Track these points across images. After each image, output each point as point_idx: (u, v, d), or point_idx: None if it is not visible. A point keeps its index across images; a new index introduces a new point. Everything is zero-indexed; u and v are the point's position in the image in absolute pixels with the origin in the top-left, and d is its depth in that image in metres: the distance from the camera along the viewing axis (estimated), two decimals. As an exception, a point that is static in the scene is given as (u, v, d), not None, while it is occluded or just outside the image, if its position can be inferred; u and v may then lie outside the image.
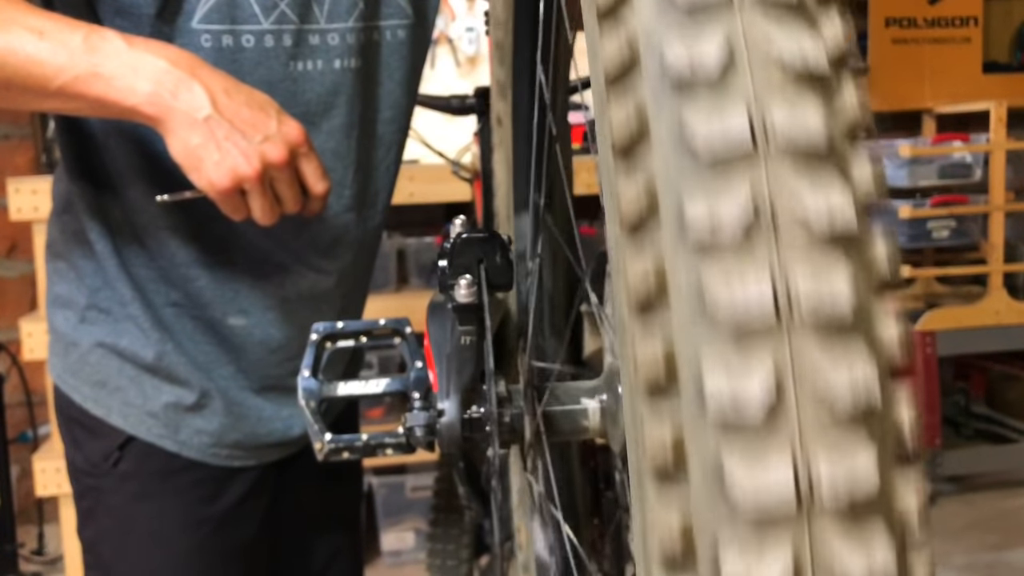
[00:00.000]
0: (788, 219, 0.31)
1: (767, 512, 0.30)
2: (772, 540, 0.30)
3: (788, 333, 0.31)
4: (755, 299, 0.31)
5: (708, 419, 0.30)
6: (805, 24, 0.34)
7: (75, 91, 0.79)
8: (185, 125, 0.79)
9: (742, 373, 0.30)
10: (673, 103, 0.33)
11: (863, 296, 0.32)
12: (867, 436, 0.31)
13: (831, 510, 0.30)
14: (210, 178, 0.81)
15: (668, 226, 0.33)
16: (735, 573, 0.29)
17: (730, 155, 0.32)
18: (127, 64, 0.79)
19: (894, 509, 0.31)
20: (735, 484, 0.30)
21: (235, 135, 0.80)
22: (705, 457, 0.31)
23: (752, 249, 0.31)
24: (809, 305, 0.31)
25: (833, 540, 0.30)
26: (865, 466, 0.30)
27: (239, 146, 0.80)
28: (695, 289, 0.31)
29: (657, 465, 0.33)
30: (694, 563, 0.32)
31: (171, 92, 0.79)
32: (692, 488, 0.32)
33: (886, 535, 0.30)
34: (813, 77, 0.33)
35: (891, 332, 0.33)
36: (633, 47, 0.35)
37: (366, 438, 0.97)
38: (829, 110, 0.33)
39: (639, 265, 0.34)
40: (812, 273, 0.31)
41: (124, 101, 0.79)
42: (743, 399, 0.30)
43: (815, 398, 0.30)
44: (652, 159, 0.34)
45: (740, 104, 0.32)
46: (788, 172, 0.32)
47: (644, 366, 0.33)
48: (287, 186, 0.85)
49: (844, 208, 0.32)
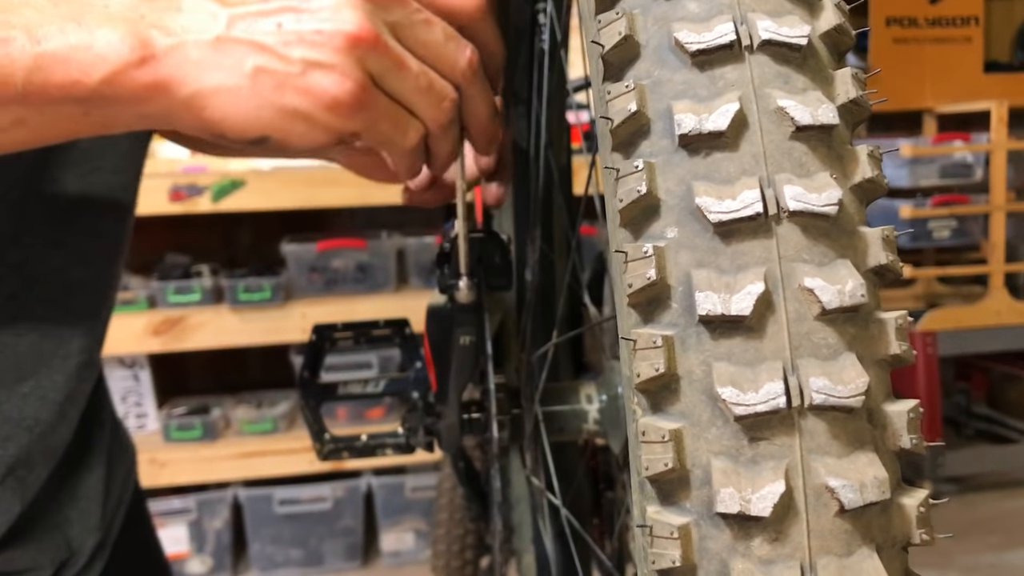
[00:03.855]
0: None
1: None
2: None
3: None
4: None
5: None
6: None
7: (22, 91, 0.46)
8: (208, 63, 0.47)
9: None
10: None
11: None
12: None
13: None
14: (304, 133, 0.48)
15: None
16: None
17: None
18: (61, 17, 0.46)
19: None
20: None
21: (286, 34, 0.47)
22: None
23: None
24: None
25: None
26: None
27: (308, 54, 0.47)
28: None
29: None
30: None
31: (153, 24, 0.47)
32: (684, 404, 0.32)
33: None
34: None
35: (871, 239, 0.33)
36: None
37: (366, 438, 0.97)
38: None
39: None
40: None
41: (93, 73, 0.46)
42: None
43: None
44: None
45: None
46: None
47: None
48: (411, 78, 0.50)
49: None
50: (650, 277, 0.32)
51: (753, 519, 0.30)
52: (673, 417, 0.32)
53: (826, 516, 0.30)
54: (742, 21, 0.33)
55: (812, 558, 0.30)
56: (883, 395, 0.33)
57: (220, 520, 2.45)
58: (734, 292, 0.31)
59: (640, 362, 0.32)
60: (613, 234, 0.35)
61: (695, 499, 0.31)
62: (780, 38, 0.33)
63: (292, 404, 2.56)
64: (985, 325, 2.69)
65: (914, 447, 0.32)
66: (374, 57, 0.47)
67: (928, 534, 0.32)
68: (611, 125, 0.34)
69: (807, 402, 0.30)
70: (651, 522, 0.32)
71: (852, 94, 0.34)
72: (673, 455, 0.31)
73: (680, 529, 0.31)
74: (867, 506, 0.30)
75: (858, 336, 0.32)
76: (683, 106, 0.33)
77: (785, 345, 0.31)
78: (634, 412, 0.33)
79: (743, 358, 0.31)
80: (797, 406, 0.30)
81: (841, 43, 0.36)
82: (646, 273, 0.32)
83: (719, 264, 0.32)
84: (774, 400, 0.30)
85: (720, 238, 0.32)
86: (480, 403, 0.82)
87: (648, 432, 0.32)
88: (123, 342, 2.33)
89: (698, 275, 0.31)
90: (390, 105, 0.49)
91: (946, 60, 3.03)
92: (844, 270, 0.32)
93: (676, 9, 0.34)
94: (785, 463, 0.30)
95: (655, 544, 0.31)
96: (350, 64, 0.46)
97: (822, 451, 0.31)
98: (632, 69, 0.35)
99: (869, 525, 0.31)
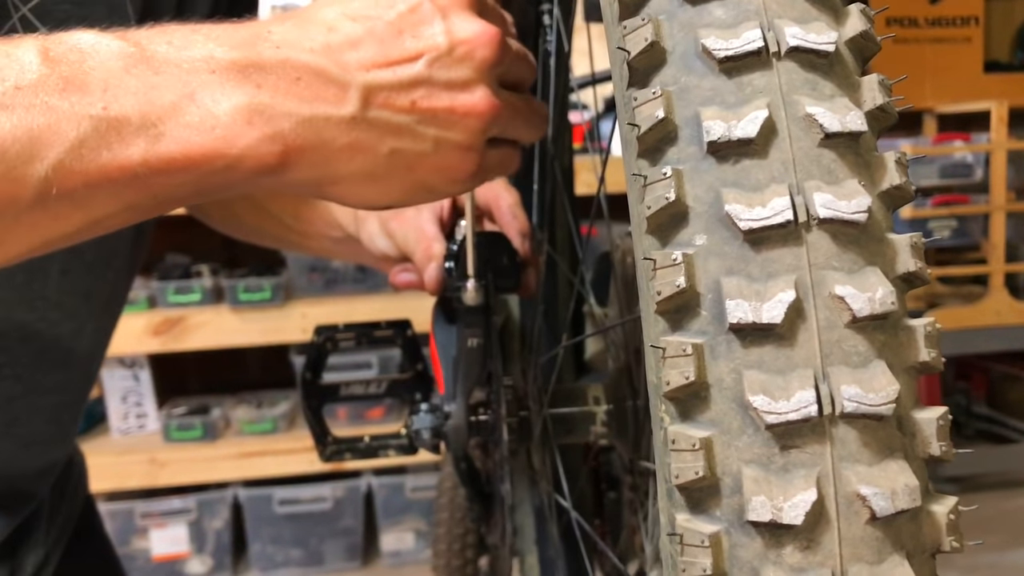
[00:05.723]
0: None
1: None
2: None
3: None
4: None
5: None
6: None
7: (84, 180, 0.41)
8: (343, 149, 0.44)
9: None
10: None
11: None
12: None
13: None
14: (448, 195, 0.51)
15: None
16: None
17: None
18: (163, 85, 0.41)
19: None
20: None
21: (422, 112, 0.45)
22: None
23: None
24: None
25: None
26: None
27: (441, 134, 0.46)
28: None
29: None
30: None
31: (274, 104, 0.43)
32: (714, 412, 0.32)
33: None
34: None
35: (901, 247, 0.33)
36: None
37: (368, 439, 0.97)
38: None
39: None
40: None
41: (212, 155, 0.42)
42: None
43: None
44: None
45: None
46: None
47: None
48: (523, 123, 0.52)
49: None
50: (679, 284, 0.32)
51: (785, 527, 0.30)
52: (703, 425, 0.32)
53: (857, 524, 0.30)
54: (769, 27, 0.33)
55: (843, 566, 0.30)
56: (912, 402, 0.33)
57: (220, 520, 2.45)
58: (765, 300, 0.31)
59: (669, 370, 0.32)
60: (639, 241, 0.35)
61: (726, 507, 0.31)
62: (808, 44, 0.33)
63: (292, 404, 2.56)
64: (985, 325, 2.69)
65: (943, 454, 0.32)
66: (497, 125, 0.48)
67: (957, 541, 0.32)
68: (638, 132, 0.34)
69: (838, 410, 0.30)
70: (681, 530, 0.32)
71: (879, 101, 0.34)
72: (704, 463, 0.31)
73: (711, 537, 0.31)
74: (898, 514, 0.30)
75: (888, 343, 0.32)
76: (711, 113, 0.33)
77: (816, 353, 0.31)
78: (662, 420, 0.33)
79: (774, 366, 0.31)
80: (828, 414, 0.30)
81: (867, 49, 0.36)
82: (675, 280, 0.32)
83: (749, 272, 0.32)
84: (805, 408, 0.30)
85: (750, 245, 0.32)
86: (487, 404, 0.82)
87: (678, 440, 0.32)
88: (123, 342, 2.32)
89: (728, 283, 0.31)
90: (498, 153, 0.51)
91: (946, 60, 3.03)
92: (874, 277, 0.32)
93: (702, 15, 0.34)
94: (816, 471, 0.30)
95: (685, 552, 0.31)
96: (477, 139, 0.47)
97: (853, 459, 0.30)
98: (658, 75, 0.35)
99: (900, 532, 0.31)
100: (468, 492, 1.08)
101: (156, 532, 2.42)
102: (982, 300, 2.73)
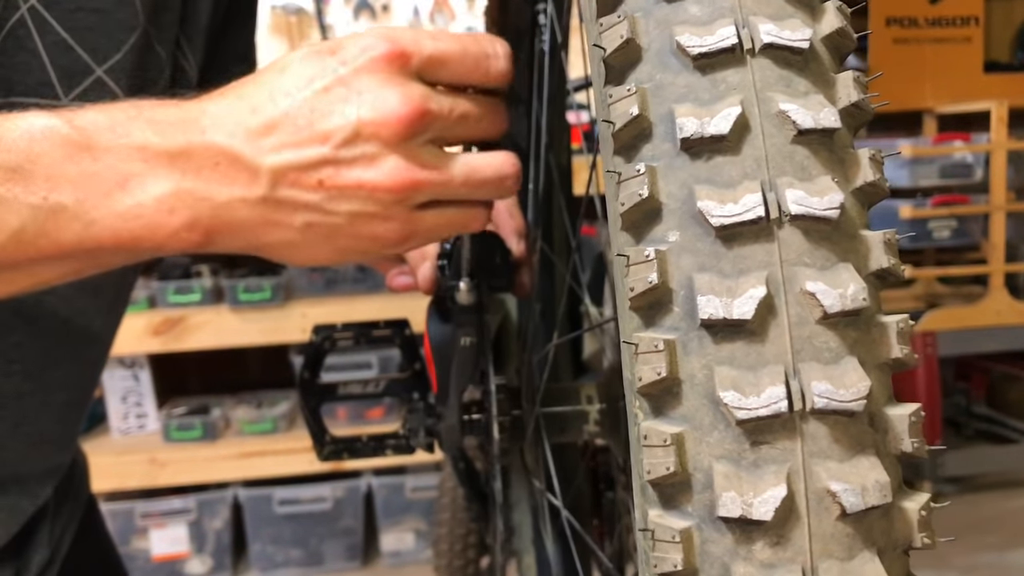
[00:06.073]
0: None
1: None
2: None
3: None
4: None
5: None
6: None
7: (26, 257, 0.46)
8: (257, 224, 0.48)
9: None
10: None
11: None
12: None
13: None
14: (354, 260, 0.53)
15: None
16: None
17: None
18: (100, 174, 0.46)
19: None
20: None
21: (329, 191, 0.48)
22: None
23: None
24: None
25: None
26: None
27: (353, 208, 0.48)
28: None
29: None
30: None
31: (195, 189, 0.47)
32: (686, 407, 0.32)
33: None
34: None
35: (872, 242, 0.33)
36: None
37: (366, 439, 0.97)
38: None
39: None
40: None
41: (139, 239, 0.47)
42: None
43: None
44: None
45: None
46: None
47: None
48: (459, 189, 0.51)
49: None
50: (652, 281, 0.32)
51: (755, 523, 0.30)
52: (675, 421, 0.32)
53: (828, 520, 0.30)
54: (744, 24, 0.34)
55: (814, 562, 0.30)
56: (884, 399, 0.33)
57: (220, 520, 2.45)
58: (736, 296, 0.31)
59: (642, 366, 0.32)
60: (614, 238, 0.35)
61: (697, 503, 0.31)
62: (782, 41, 0.33)
63: (292, 404, 2.56)
64: (985, 325, 2.69)
65: (915, 451, 0.32)
66: (417, 196, 0.49)
67: (929, 537, 0.32)
68: (613, 128, 0.34)
69: (809, 406, 0.30)
70: (653, 526, 0.32)
71: (854, 97, 0.34)
72: (675, 459, 0.31)
73: (682, 533, 0.31)
74: (869, 510, 0.30)
75: (860, 340, 0.32)
76: (685, 110, 0.33)
77: (787, 349, 0.31)
78: (636, 416, 0.33)
79: (745, 362, 0.31)
80: (799, 410, 0.31)
81: (843, 46, 0.36)
82: (648, 277, 0.32)
83: (721, 268, 0.32)
84: (776, 404, 0.30)
85: (722, 242, 0.32)
86: (481, 404, 0.82)
87: (650, 436, 0.32)
88: (123, 342, 2.32)
89: (700, 279, 0.31)
90: (438, 216, 0.51)
91: (946, 60, 3.02)
92: (846, 274, 0.32)
93: (678, 12, 0.34)
94: (787, 467, 0.30)
95: (657, 548, 0.31)
96: (394, 210, 0.48)
97: (824, 455, 0.31)
98: (634, 72, 0.35)
99: (871, 529, 0.31)
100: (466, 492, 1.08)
101: (156, 532, 2.42)
102: (982, 300, 2.73)
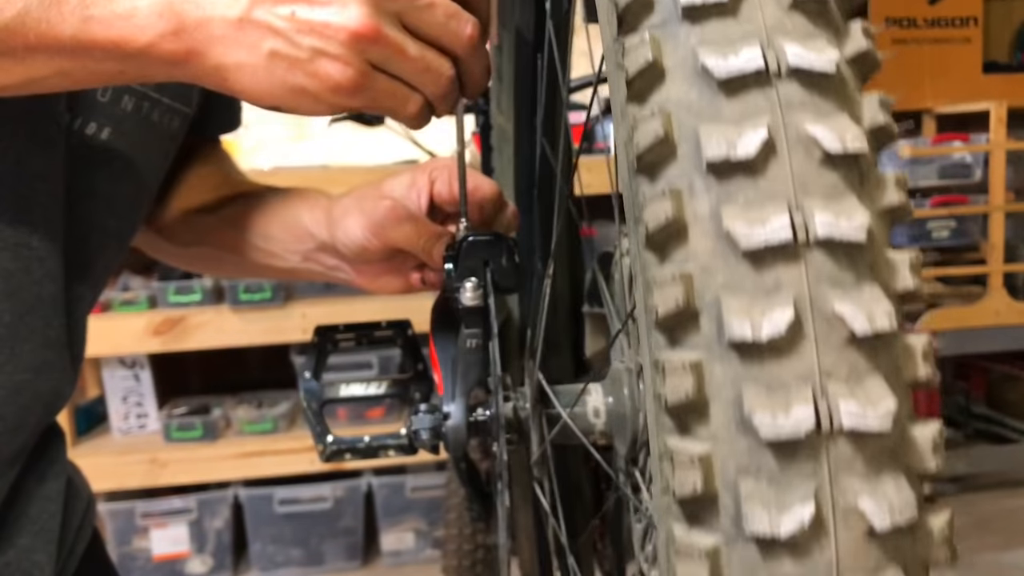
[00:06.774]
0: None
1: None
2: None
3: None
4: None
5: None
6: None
7: (24, 42, 0.52)
8: (230, 41, 0.52)
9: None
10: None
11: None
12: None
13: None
14: (312, 106, 0.55)
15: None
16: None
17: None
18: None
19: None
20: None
21: (299, 23, 0.52)
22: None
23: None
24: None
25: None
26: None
27: (316, 44, 0.52)
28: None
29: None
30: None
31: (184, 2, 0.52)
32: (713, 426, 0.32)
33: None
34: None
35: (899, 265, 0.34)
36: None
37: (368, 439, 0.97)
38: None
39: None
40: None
41: (127, 40, 0.52)
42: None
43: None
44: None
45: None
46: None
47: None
48: (409, 62, 0.55)
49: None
50: (679, 301, 0.33)
51: (782, 541, 0.30)
52: (702, 440, 0.32)
53: (855, 538, 0.31)
54: (769, 46, 0.34)
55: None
56: (908, 418, 0.33)
57: (220, 520, 2.45)
58: (764, 317, 0.31)
59: (668, 386, 0.32)
60: (638, 257, 0.35)
61: (724, 521, 0.32)
62: (808, 64, 0.33)
63: (292, 404, 2.56)
64: (984, 325, 2.70)
65: (938, 469, 0.33)
66: (375, 49, 0.53)
67: (952, 554, 0.32)
68: (636, 150, 0.34)
69: (836, 426, 0.31)
70: (679, 543, 0.32)
71: (879, 120, 0.34)
72: (702, 477, 0.31)
73: (708, 550, 0.31)
74: (895, 527, 0.31)
75: (886, 360, 0.32)
76: (710, 132, 0.33)
77: (815, 370, 0.31)
78: (661, 434, 0.34)
79: (773, 383, 0.31)
80: (827, 430, 0.31)
81: (867, 68, 0.36)
82: (675, 297, 0.33)
83: (748, 289, 0.32)
84: (804, 423, 0.30)
85: (749, 263, 0.32)
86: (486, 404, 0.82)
87: (677, 454, 0.32)
88: (123, 342, 2.33)
89: (727, 300, 0.32)
90: (389, 83, 0.55)
91: (945, 60, 3.03)
92: (873, 295, 0.32)
93: (702, 33, 0.35)
94: (814, 485, 0.31)
95: (682, 565, 0.32)
96: (352, 55, 0.52)
97: (851, 473, 0.31)
98: (657, 94, 0.35)
99: (897, 547, 0.31)
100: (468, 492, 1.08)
101: (157, 532, 2.42)
102: (981, 300, 2.74)
